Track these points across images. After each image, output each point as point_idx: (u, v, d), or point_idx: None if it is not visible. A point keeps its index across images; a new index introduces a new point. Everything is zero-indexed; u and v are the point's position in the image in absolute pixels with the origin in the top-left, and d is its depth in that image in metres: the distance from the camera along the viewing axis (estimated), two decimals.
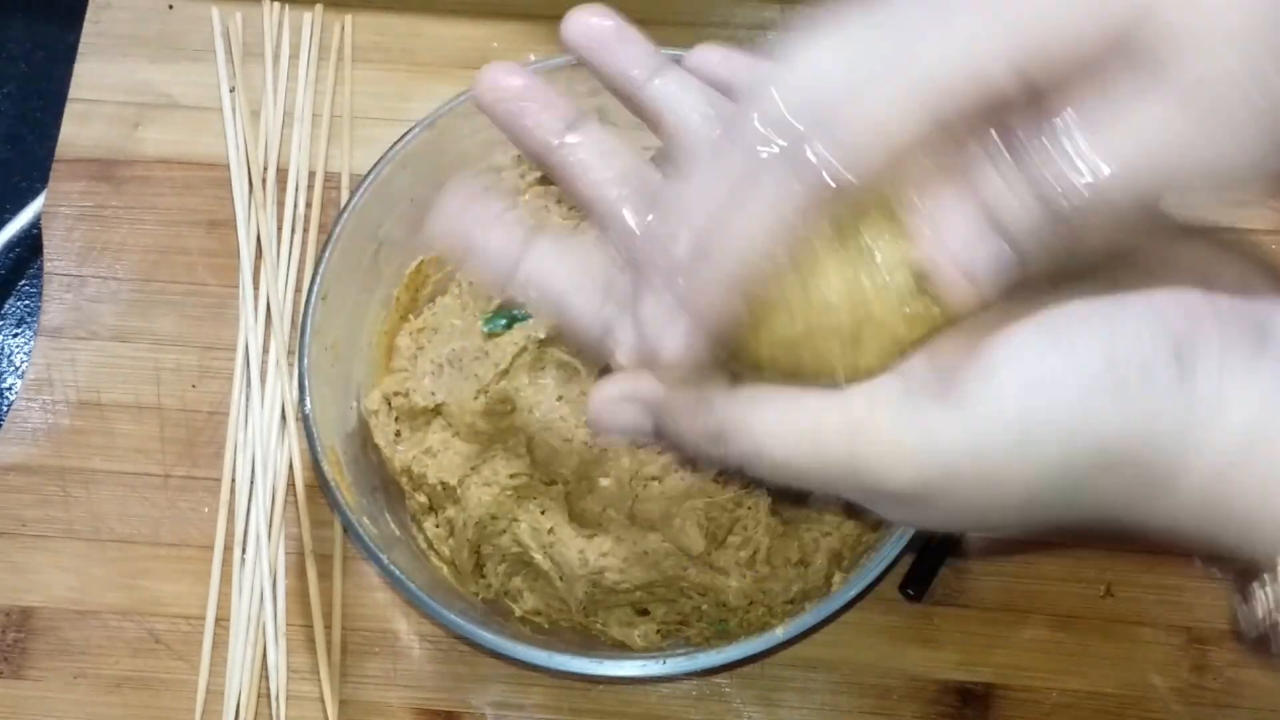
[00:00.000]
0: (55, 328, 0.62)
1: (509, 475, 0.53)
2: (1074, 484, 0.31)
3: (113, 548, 0.58)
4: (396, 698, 0.55)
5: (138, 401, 0.60)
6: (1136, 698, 0.55)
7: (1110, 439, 0.31)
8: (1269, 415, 0.31)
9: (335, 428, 0.52)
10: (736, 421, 0.33)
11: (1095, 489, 0.32)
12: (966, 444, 0.31)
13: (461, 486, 0.54)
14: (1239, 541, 0.32)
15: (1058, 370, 0.30)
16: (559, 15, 0.68)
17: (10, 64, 0.72)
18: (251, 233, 0.63)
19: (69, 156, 0.65)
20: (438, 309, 0.57)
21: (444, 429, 0.55)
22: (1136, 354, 0.30)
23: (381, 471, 0.55)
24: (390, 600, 0.57)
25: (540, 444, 0.53)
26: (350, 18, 0.68)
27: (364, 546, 0.49)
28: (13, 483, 0.59)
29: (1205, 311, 0.31)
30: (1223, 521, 0.32)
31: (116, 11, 0.69)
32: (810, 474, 0.33)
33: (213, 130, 0.66)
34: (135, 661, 0.56)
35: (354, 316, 0.55)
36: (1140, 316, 0.31)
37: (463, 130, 0.55)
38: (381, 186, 0.54)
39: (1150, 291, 0.32)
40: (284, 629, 0.56)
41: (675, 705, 0.55)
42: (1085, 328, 0.31)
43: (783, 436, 0.32)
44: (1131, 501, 0.32)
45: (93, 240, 0.64)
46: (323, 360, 0.52)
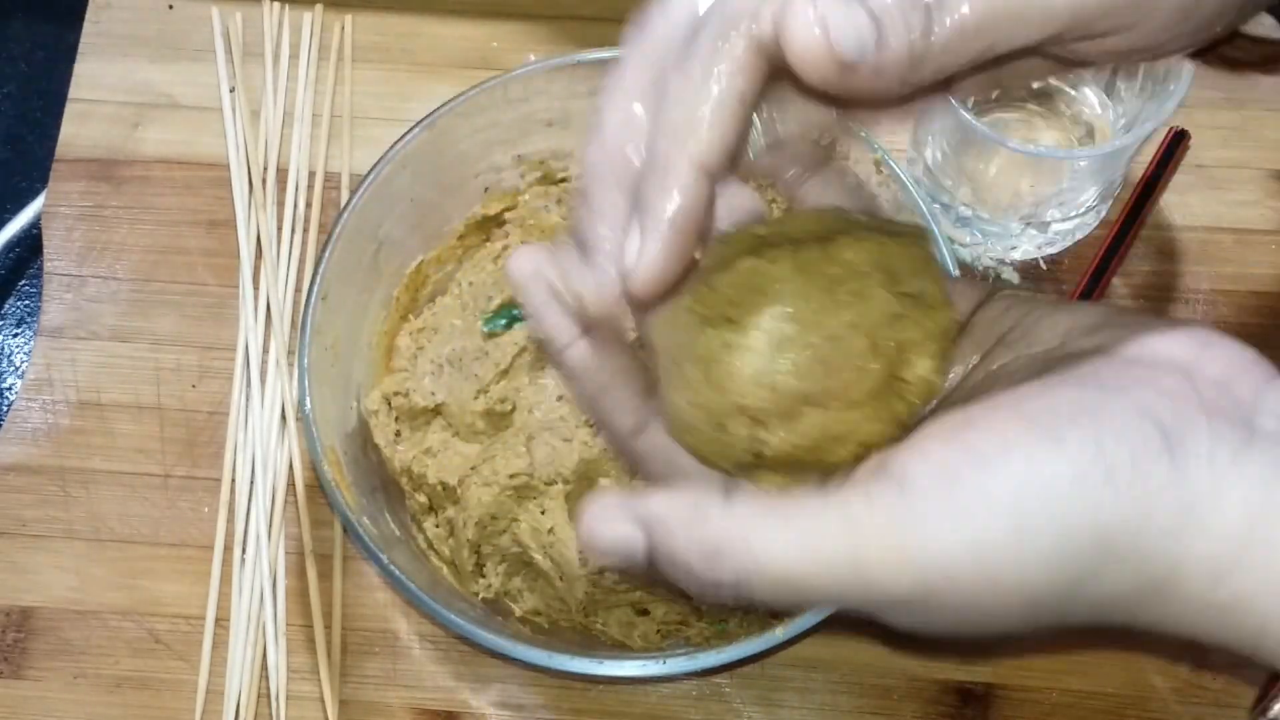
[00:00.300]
0: (55, 328, 0.62)
1: (509, 475, 0.53)
2: (1076, 579, 0.31)
3: (113, 548, 0.58)
4: (396, 698, 0.55)
5: (138, 401, 0.60)
6: (1136, 698, 0.55)
7: (1106, 528, 0.30)
8: (1262, 510, 0.30)
9: (335, 428, 0.52)
10: (734, 535, 0.32)
11: (1098, 585, 0.31)
12: (963, 543, 0.30)
13: (461, 486, 0.54)
14: (1254, 646, 0.32)
15: (1049, 464, 0.30)
16: (559, 15, 0.68)
17: (10, 64, 0.72)
18: (251, 233, 0.63)
19: (69, 156, 0.65)
20: (438, 309, 0.57)
21: (444, 429, 0.55)
22: (1125, 445, 0.30)
23: (381, 471, 0.55)
24: (390, 600, 0.57)
25: (540, 444, 0.53)
26: (350, 18, 0.68)
27: (364, 546, 0.49)
28: (13, 483, 0.59)
29: (1191, 403, 0.31)
30: (1234, 625, 0.32)
31: (116, 11, 0.69)
32: (812, 587, 0.32)
33: (213, 130, 0.66)
34: (135, 661, 0.56)
35: (354, 316, 0.55)
36: (1126, 410, 0.31)
37: (462, 130, 0.55)
38: (381, 186, 0.54)
39: (1134, 384, 0.31)
40: (284, 629, 0.56)
41: (675, 705, 0.55)
42: (1072, 422, 0.31)
43: (783, 545, 0.32)
44: (1139, 601, 0.32)
45: (93, 240, 0.64)
46: (323, 360, 0.52)
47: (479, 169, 0.57)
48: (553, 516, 0.53)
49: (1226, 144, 0.64)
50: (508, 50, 0.67)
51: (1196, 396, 0.31)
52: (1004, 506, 0.30)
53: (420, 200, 0.56)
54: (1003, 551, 0.30)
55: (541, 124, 0.57)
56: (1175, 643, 0.32)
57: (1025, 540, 0.30)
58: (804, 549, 0.31)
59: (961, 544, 0.30)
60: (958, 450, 0.31)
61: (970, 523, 0.30)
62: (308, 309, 0.51)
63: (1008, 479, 0.30)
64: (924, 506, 0.31)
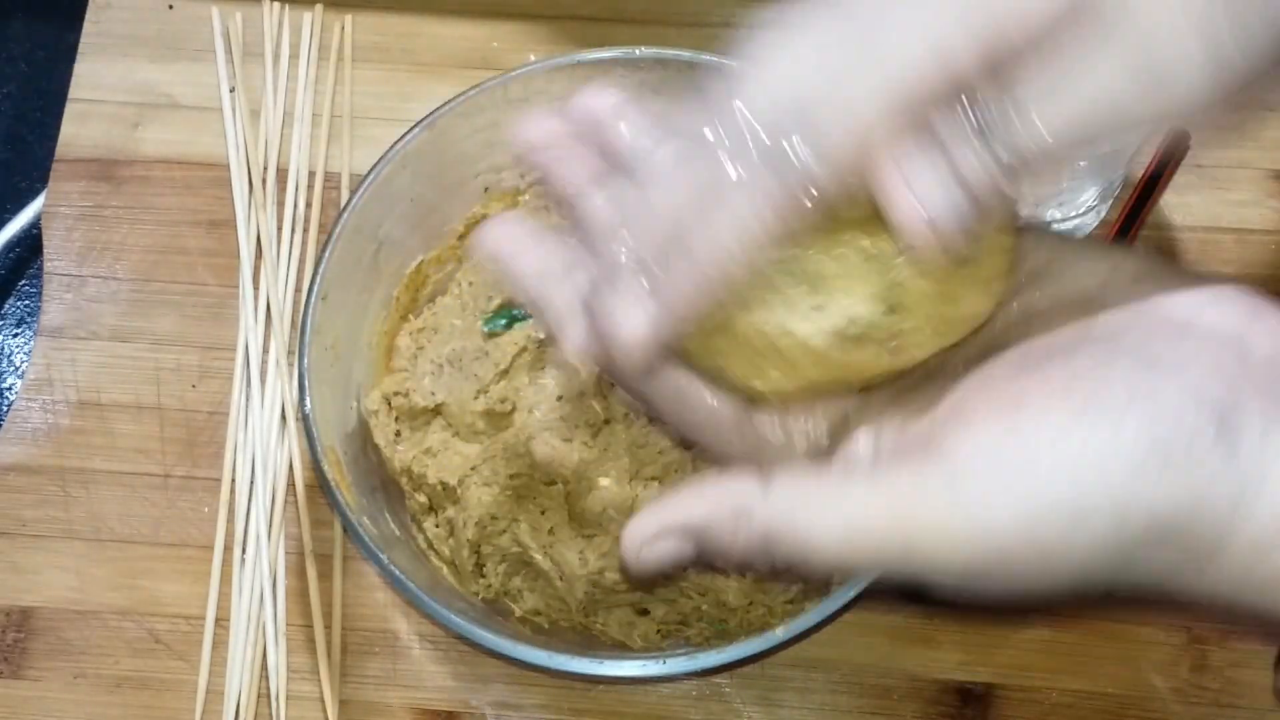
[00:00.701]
0: (55, 328, 0.62)
1: (509, 475, 0.53)
2: (1126, 557, 0.32)
3: (113, 548, 0.58)
4: (396, 698, 0.55)
5: (138, 401, 0.60)
6: (1136, 698, 0.55)
7: (1161, 514, 0.31)
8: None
9: (335, 428, 0.52)
10: (780, 526, 0.33)
11: (1145, 561, 0.32)
12: (1018, 527, 0.31)
13: (461, 486, 0.54)
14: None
15: (1106, 450, 0.31)
16: (559, 15, 0.68)
17: (10, 64, 0.72)
18: (251, 233, 0.63)
19: (69, 156, 0.65)
20: (438, 309, 0.57)
21: (444, 429, 0.55)
22: (1182, 429, 0.31)
23: (381, 471, 0.55)
24: (390, 600, 0.57)
25: (540, 443, 0.53)
26: (350, 18, 0.68)
27: (364, 546, 0.48)
28: (13, 483, 0.59)
29: (1244, 384, 0.32)
30: (1268, 590, 0.32)
31: (116, 11, 0.69)
32: (864, 565, 0.34)
33: (213, 130, 0.66)
34: (135, 661, 0.56)
35: (354, 316, 0.55)
36: (1183, 393, 0.31)
37: (462, 130, 0.55)
38: (382, 186, 0.54)
39: (1189, 362, 0.32)
40: (284, 629, 0.56)
41: (675, 705, 0.55)
42: (1129, 407, 0.31)
43: (831, 531, 0.33)
44: (1177, 572, 0.32)
45: (93, 240, 0.64)
46: (323, 360, 0.52)
47: (479, 169, 0.57)
48: (553, 516, 0.53)
49: (1227, 144, 0.64)
50: (508, 50, 0.67)
51: (1249, 376, 0.32)
52: (1060, 493, 0.31)
53: (420, 200, 0.56)
54: (1057, 534, 0.31)
55: None
56: (1206, 612, 0.33)
57: (1080, 524, 0.31)
58: (854, 531, 0.32)
59: (1016, 528, 0.31)
60: (1011, 433, 0.32)
61: (1025, 507, 0.31)
62: (308, 309, 0.51)
63: (1064, 466, 0.31)
64: (977, 490, 0.31)
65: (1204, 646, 0.55)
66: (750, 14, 0.72)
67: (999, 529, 0.31)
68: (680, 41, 0.57)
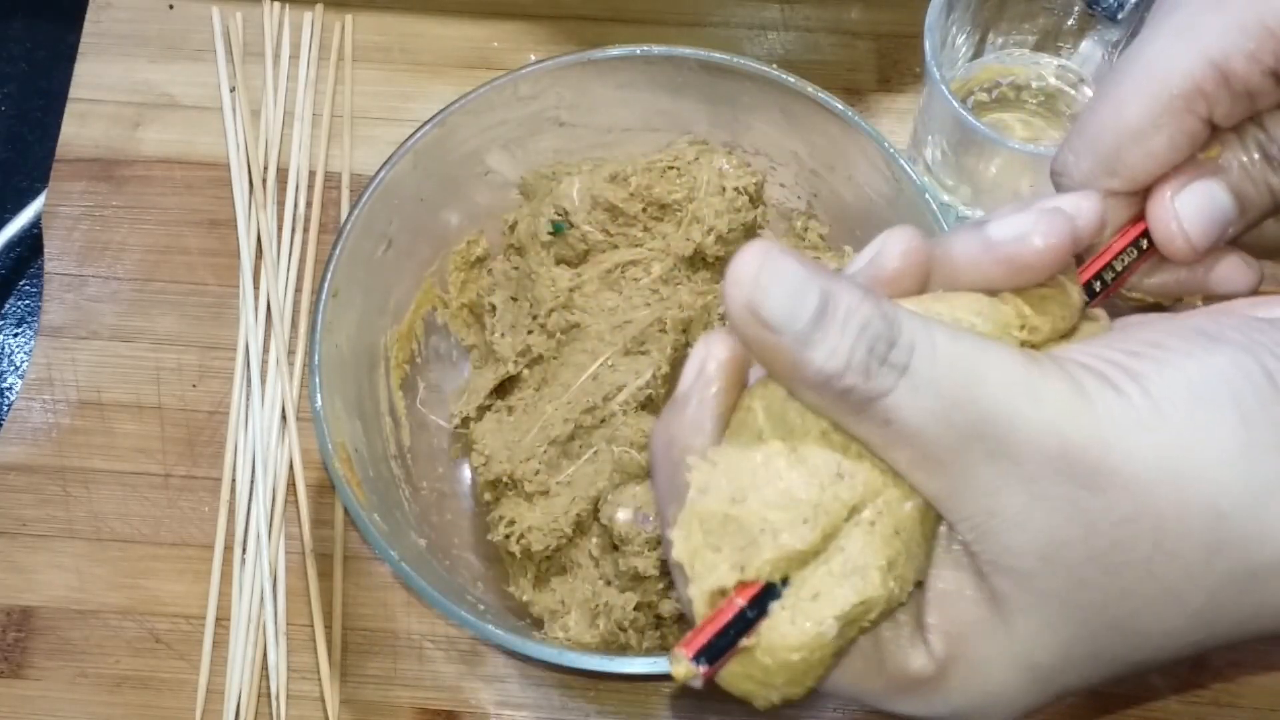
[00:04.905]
0: (56, 327, 0.62)
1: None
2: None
3: (113, 547, 0.58)
4: (397, 697, 0.55)
5: (138, 401, 0.60)
6: (1136, 698, 0.55)
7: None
8: None
9: (344, 425, 0.52)
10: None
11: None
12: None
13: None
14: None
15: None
16: (559, 15, 0.68)
17: (10, 64, 0.72)
18: (251, 233, 0.63)
19: (69, 156, 0.65)
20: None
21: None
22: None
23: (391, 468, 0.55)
24: (391, 599, 0.57)
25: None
26: (350, 18, 0.68)
27: (376, 544, 0.48)
28: (13, 482, 0.59)
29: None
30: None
31: (116, 11, 0.69)
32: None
33: (213, 130, 0.66)
34: (135, 661, 0.56)
35: (363, 314, 0.55)
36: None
37: (470, 128, 0.55)
38: (392, 183, 0.54)
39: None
40: (284, 628, 0.56)
41: (677, 705, 0.55)
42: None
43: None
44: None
45: (93, 240, 0.64)
46: (332, 357, 0.52)
47: (486, 167, 0.57)
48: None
49: None
50: (508, 50, 0.68)
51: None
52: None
53: (429, 198, 0.56)
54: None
55: (552, 123, 0.57)
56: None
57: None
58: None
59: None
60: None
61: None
62: (319, 306, 0.51)
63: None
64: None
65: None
66: (750, 14, 0.73)
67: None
68: (680, 41, 0.57)
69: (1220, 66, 0.35)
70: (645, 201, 0.55)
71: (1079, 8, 0.60)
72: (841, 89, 0.63)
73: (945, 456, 0.29)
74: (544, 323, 0.54)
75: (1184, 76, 0.35)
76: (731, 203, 0.54)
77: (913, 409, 0.29)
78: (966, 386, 0.29)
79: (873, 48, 0.68)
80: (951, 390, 0.29)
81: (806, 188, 0.58)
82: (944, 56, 0.59)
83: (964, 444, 0.29)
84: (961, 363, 0.29)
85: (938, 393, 0.29)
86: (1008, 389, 0.29)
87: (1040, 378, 0.30)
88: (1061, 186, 0.39)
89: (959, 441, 0.29)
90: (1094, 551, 0.30)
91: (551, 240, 0.55)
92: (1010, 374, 0.29)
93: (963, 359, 0.29)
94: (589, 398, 0.52)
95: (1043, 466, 0.29)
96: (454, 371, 0.59)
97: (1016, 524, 0.30)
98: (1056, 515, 0.29)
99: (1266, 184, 0.37)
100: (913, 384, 0.29)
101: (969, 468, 0.29)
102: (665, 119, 0.57)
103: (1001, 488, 0.29)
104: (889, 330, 0.29)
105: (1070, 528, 0.29)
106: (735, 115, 0.56)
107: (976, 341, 0.30)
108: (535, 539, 0.52)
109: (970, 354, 0.29)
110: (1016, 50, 0.63)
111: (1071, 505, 0.29)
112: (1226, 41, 0.35)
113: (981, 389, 0.29)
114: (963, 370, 0.29)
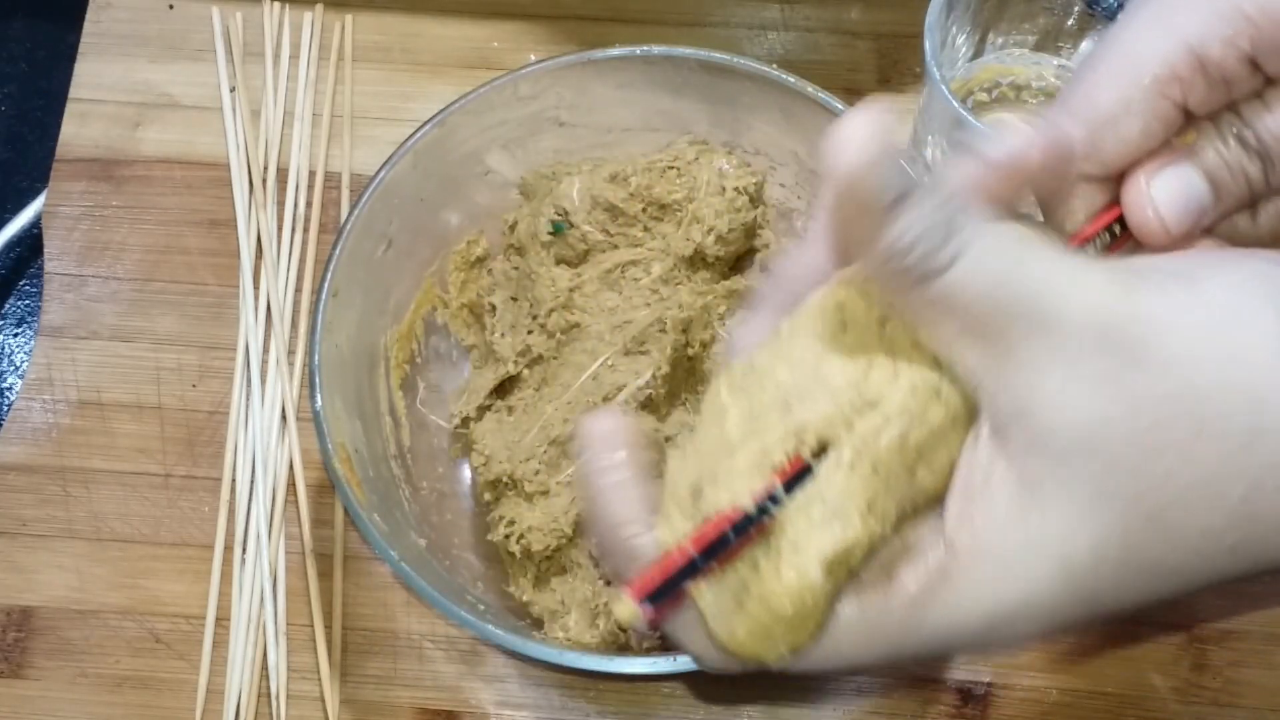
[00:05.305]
0: (56, 327, 0.62)
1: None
2: None
3: (113, 547, 0.58)
4: (397, 697, 0.55)
5: (138, 401, 0.60)
6: (1136, 697, 0.55)
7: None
8: None
9: (344, 425, 0.52)
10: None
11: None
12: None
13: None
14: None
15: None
16: (559, 15, 0.68)
17: (10, 64, 0.72)
18: (251, 232, 0.63)
19: (69, 156, 0.65)
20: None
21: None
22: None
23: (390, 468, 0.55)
24: (391, 599, 0.57)
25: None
26: (350, 18, 0.68)
27: (376, 544, 0.48)
28: (13, 482, 0.59)
29: None
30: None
31: (116, 11, 0.69)
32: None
33: (213, 130, 0.66)
34: (136, 661, 0.56)
35: (362, 314, 0.55)
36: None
37: (470, 128, 0.55)
38: (392, 183, 0.54)
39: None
40: (284, 628, 0.56)
41: (677, 705, 0.55)
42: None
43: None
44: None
45: (93, 240, 0.64)
46: (332, 357, 0.52)
47: (486, 167, 0.58)
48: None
49: None
50: (508, 50, 0.68)
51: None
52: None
53: (429, 198, 0.56)
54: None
55: (552, 123, 0.57)
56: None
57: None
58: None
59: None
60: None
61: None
62: (319, 306, 0.51)
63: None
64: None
65: (1204, 646, 0.56)
66: (750, 14, 0.73)
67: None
68: (680, 41, 0.57)
69: (1196, 52, 0.35)
70: (645, 201, 0.55)
71: (1079, 8, 0.60)
72: (841, 89, 0.63)
73: (992, 330, 0.31)
74: (544, 323, 0.54)
75: (1159, 61, 0.35)
76: (731, 203, 0.54)
77: (965, 284, 0.30)
78: (1014, 267, 0.31)
79: (873, 48, 0.68)
80: (1000, 269, 0.30)
81: (806, 188, 0.58)
82: (944, 56, 0.59)
83: (1009, 318, 0.30)
84: (1012, 249, 0.31)
85: (988, 270, 0.30)
86: (1052, 273, 0.31)
87: (1086, 268, 0.31)
88: None
89: (1004, 316, 0.30)
90: (1134, 432, 0.30)
91: (551, 240, 0.55)
92: (1055, 262, 0.31)
93: (1013, 247, 0.31)
94: (589, 398, 0.52)
95: (1084, 344, 0.30)
96: (454, 371, 0.59)
97: (1055, 403, 0.30)
98: (1097, 394, 0.30)
99: (1243, 171, 0.37)
100: (967, 263, 0.30)
101: (1013, 342, 0.31)
102: (665, 119, 0.57)
103: (1044, 364, 0.30)
104: (952, 220, 0.31)
105: (1110, 405, 0.30)
106: (735, 115, 0.56)
107: (1030, 239, 0.32)
108: (535, 539, 0.52)
109: (1020, 244, 0.31)
110: (1016, 50, 0.63)
111: (1112, 382, 0.30)
112: (1203, 27, 0.35)
113: (1027, 271, 0.31)
114: (1012, 255, 0.31)
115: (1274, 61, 0.36)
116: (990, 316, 0.31)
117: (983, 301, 0.31)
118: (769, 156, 0.57)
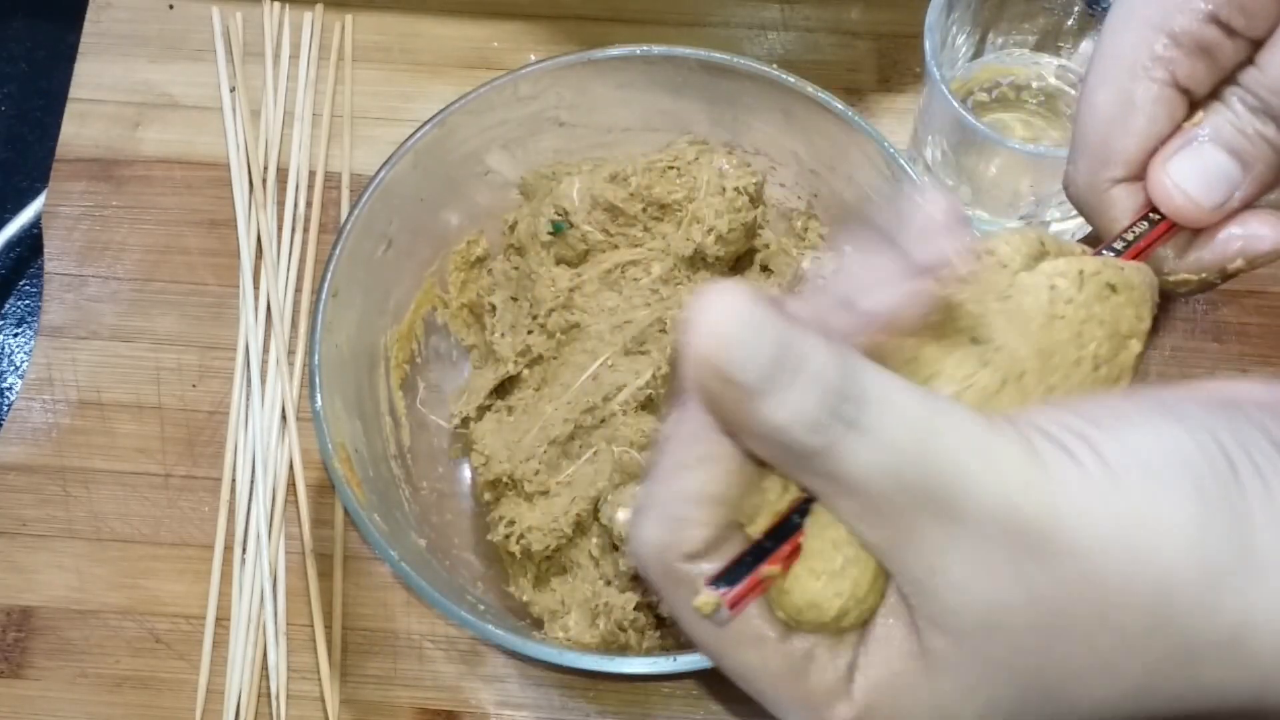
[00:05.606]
0: (56, 327, 0.62)
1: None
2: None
3: (113, 547, 0.58)
4: (397, 697, 0.55)
5: (138, 401, 0.60)
6: None
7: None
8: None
9: (344, 425, 0.52)
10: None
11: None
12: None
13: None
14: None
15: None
16: (559, 15, 0.68)
17: (10, 64, 0.72)
18: (251, 232, 0.63)
19: (69, 156, 0.65)
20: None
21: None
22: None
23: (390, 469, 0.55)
24: (391, 599, 0.57)
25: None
26: (350, 18, 0.68)
27: (376, 544, 0.48)
28: (13, 482, 0.59)
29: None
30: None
31: (116, 11, 0.69)
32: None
33: (213, 130, 0.66)
34: (136, 661, 0.56)
35: (362, 314, 0.55)
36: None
37: (470, 128, 0.55)
38: (392, 183, 0.54)
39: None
40: (284, 628, 0.56)
41: (677, 705, 0.55)
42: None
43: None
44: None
45: (93, 240, 0.64)
46: (332, 357, 0.52)
47: (486, 167, 0.58)
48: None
49: None
50: (508, 50, 0.68)
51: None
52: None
53: (429, 198, 0.56)
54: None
55: (552, 123, 0.57)
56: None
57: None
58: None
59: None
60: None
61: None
62: (319, 306, 0.51)
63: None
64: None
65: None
66: (750, 14, 0.73)
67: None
68: (680, 41, 0.57)
69: (1164, 28, 0.37)
70: (645, 201, 0.55)
71: (1079, 8, 0.60)
72: (841, 89, 0.63)
73: (891, 511, 0.28)
74: (544, 323, 0.54)
75: (1133, 49, 0.37)
76: (731, 203, 0.54)
77: (860, 463, 0.28)
78: (921, 444, 0.28)
79: (873, 48, 0.68)
80: (905, 446, 0.28)
81: (806, 188, 0.58)
82: (944, 56, 0.59)
83: (913, 501, 0.28)
84: (918, 421, 0.28)
85: (890, 447, 0.28)
86: (963, 451, 0.28)
87: (997, 443, 0.29)
88: (1069, 197, 0.41)
89: (907, 498, 0.28)
90: (1035, 620, 0.29)
91: (551, 240, 0.55)
92: (967, 437, 0.28)
93: (920, 417, 0.28)
94: (589, 398, 0.52)
95: (991, 533, 0.28)
96: (454, 371, 0.59)
97: (958, 586, 0.29)
98: (1000, 582, 0.28)
99: (1260, 135, 0.38)
100: (864, 438, 0.28)
101: (916, 525, 0.28)
102: (665, 119, 0.57)
103: (947, 548, 0.28)
104: (844, 383, 0.28)
105: (1013, 596, 0.28)
106: (735, 115, 0.56)
107: (936, 401, 0.29)
108: (535, 539, 0.52)
109: (928, 413, 0.28)
110: (1016, 50, 0.63)
111: (1017, 574, 0.28)
112: (1164, 3, 0.37)
113: (936, 449, 0.28)
114: (919, 428, 0.28)
115: (1238, 17, 0.37)
116: (891, 497, 0.28)
117: (882, 482, 0.28)
118: (769, 156, 0.57)
